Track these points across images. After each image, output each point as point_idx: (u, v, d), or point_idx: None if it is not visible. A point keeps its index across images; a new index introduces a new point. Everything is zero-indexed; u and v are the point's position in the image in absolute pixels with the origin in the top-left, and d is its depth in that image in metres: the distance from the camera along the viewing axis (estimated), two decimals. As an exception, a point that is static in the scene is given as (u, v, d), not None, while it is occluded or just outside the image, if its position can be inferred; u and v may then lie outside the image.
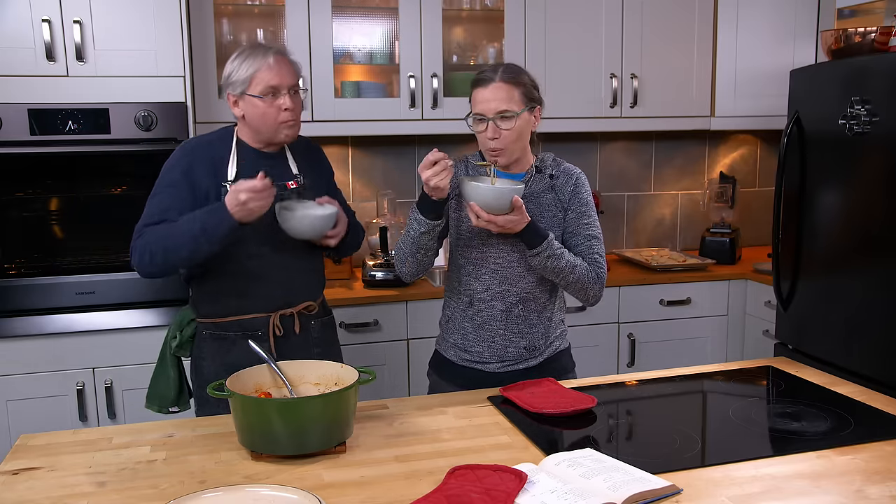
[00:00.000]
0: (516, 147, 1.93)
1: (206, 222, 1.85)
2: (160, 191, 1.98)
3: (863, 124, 2.52)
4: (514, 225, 1.81)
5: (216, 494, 1.28)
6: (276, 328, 2.02)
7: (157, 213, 1.94)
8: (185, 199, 1.94)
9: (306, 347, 2.06)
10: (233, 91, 1.97)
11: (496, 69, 1.90)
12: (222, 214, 1.84)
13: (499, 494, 1.26)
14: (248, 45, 2.01)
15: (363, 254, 3.31)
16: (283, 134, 1.99)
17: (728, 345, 3.41)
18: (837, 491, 1.32)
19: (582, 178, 2.01)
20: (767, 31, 3.46)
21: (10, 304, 2.65)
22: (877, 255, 2.51)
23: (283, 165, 2.08)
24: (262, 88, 1.93)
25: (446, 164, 1.78)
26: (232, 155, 2.01)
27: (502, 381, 1.96)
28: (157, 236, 1.90)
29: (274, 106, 1.94)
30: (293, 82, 1.98)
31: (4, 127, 2.56)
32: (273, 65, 1.93)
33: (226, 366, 1.96)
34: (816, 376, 1.95)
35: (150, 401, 2.17)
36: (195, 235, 1.86)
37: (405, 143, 3.50)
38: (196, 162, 1.99)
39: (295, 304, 2.06)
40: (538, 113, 1.96)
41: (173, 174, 1.98)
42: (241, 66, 1.94)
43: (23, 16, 2.56)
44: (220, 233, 1.86)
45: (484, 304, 1.98)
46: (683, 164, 3.88)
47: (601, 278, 1.96)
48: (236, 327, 2.03)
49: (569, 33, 3.28)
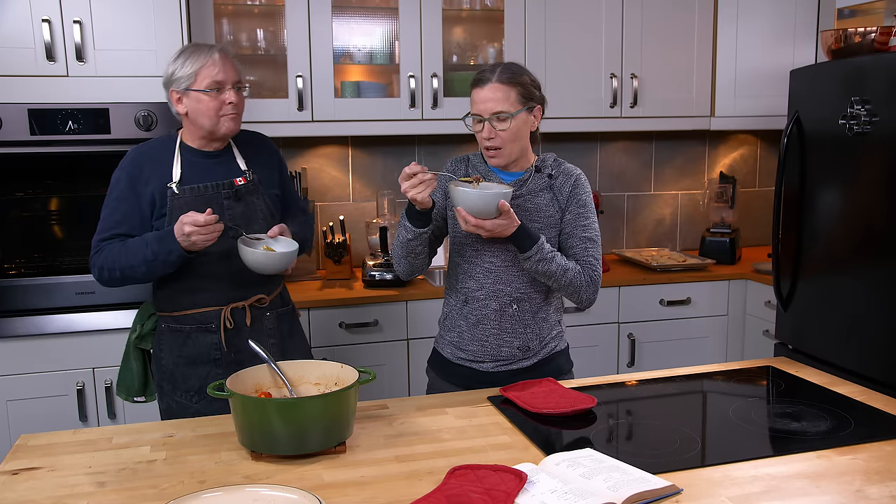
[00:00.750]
0: (514, 147, 1.93)
1: (157, 251, 1.95)
2: (109, 203, 2.05)
3: (863, 124, 2.53)
4: (504, 229, 1.81)
5: (216, 494, 1.28)
6: (227, 321, 2.07)
7: (108, 227, 2.03)
8: (133, 211, 2.02)
9: (261, 339, 2.07)
10: (177, 88, 2.02)
11: (494, 69, 1.90)
12: (171, 245, 1.93)
13: (499, 494, 1.26)
14: (190, 45, 2.07)
15: (363, 254, 3.31)
16: (224, 126, 2.04)
17: (728, 345, 3.41)
18: (837, 491, 1.32)
19: (582, 179, 2.00)
20: (767, 31, 3.46)
21: (10, 304, 2.65)
22: (877, 255, 2.51)
23: (231, 162, 2.12)
24: (207, 83, 1.99)
25: (423, 177, 1.79)
26: (175, 157, 2.06)
27: (496, 381, 1.97)
28: (114, 257, 1.99)
29: (218, 100, 2.00)
30: (237, 79, 2.04)
31: (4, 127, 2.56)
32: (218, 61, 2.00)
33: (183, 357, 2.08)
34: (816, 376, 1.95)
35: (118, 389, 2.25)
36: (148, 260, 1.96)
37: (405, 143, 3.50)
38: (140, 170, 2.04)
39: (247, 298, 2.11)
40: (538, 112, 1.95)
41: (119, 186, 2.04)
42: (186, 63, 2.00)
43: (23, 16, 2.56)
44: (171, 259, 1.96)
45: (478, 302, 1.99)
46: (683, 164, 3.88)
47: (594, 281, 1.94)
48: (191, 320, 2.08)
49: (569, 33, 3.28)
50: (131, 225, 2.02)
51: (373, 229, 3.22)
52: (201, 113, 2.01)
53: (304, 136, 3.14)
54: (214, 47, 2.03)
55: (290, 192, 2.30)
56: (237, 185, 2.08)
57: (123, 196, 2.03)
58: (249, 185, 2.10)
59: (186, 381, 2.09)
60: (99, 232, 2.04)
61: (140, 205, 2.02)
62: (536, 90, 1.94)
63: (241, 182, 2.09)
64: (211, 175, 2.07)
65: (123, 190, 2.03)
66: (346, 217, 3.39)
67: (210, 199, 2.04)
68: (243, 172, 2.11)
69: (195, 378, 2.07)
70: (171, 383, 2.11)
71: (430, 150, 3.53)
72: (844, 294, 2.65)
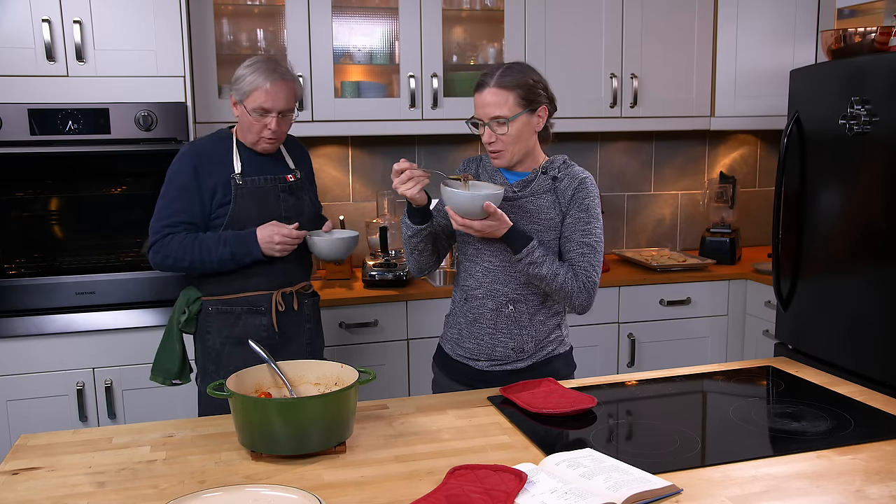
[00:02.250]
0: (516, 149, 1.92)
1: (236, 251, 2.12)
2: (169, 193, 2.16)
3: (863, 124, 2.52)
4: (493, 230, 1.81)
5: (216, 494, 1.28)
6: (279, 304, 2.22)
7: (169, 214, 2.14)
8: (195, 200, 2.15)
9: (300, 322, 2.29)
10: (235, 95, 2.14)
11: (495, 72, 1.89)
12: (252, 248, 2.12)
13: (499, 494, 1.26)
14: (263, 59, 2.15)
15: (363, 254, 3.31)
16: (260, 147, 2.18)
17: (728, 345, 3.41)
18: (837, 491, 1.32)
19: (587, 183, 1.95)
20: (767, 31, 3.46)
21: (10, 304, 2.65)
22: (877, 255, 2.51)
23: (280, 160, 2.28)
24: (254, 106, 2.10)
25: (413, 173, 1.82)
26: (234, 151, 2.19)
27: (492, 379, 1.98)
28: (185, 249, 2.12)
29: (260, 123, 2.12)
30: (286, 107, 2.13)
31: (4, 127, 2.56)
32: (270, 90, 2.09)
33: (231, 338, 2.20)
34: (816, 376, 1.95)
35: (154, 374, 2.32)
36: (224, 259, 2.12)
37: (405, 143, 3.50)
38: (201, 163, 2.16)
39: (294, 284, 2.27)
40: (543, 112, 1.94)
41: (182, 177, 2.15)
42: (248, 78, 2.10)
43: (23, 16, 2.56)
44: (246, 261, 2.14)
45: (476, 301, 1.99)
46: (683, 164, 3.88)
47: (588, 288, 1.90)
48: (243, 302, 2.21)
49: (569, 33, 3.28)
50: (192, 213, 2.14)
51: (373, 229, 3.22)
52: (244, 127, 2.16)
53: (305, 136, 3.12)
54: (277, 72, 2.11)
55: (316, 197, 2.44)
56: (289, 181, 2.24)
57: (186, 186, 2.14)
58: (298, 182, 2.28)
59: (231, 360, 2.16)
60: (159, 219, 2.15)
61: (202, 195, 2.14)
62: (540, 91, 1.92)
63: (292, 179, 2.26)
64: (266, 170, 2.22)
65: (186, 181, 2.14)
66: (346, 217, 3.39)
67: (269, 191, 2.20)
68: (292, 170, 2.28)
69: (238, 358, 2.13)
70: (216, 363, 2.20)
71: (430, 150, 3.53)
72: (844, 294, 2.65)
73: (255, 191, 2.18)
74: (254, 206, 2.17)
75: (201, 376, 2.27)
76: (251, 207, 2.17)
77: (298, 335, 2.29)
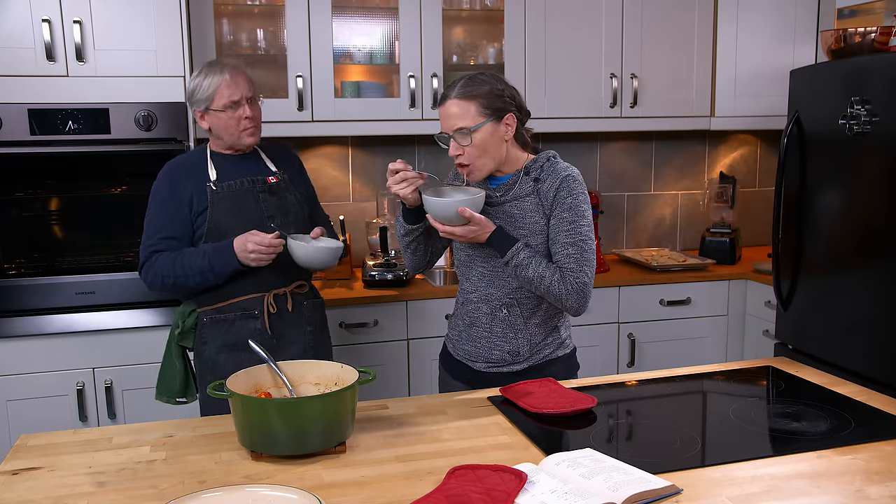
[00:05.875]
0: (484, 161, 1.87)
1: (213, 262, 2.09)
2: (151, 211, 2.17)
3: (863, 124, 2.52)
4: (476, 235, 1.82)
5: (216, 494, 1.28)
6: (270, 305, 2.18)
7: (153, 232, 2.15)
8: (175, 213, 2.14)
9: (300, 325, 2.24)
10: (198, 108, 2.16)
11: (454, 85, 1.86)
12: (229, 258, 2.08)
13: (499, 494, 1.26)
14: (205, 64, 2.18)
15: (363, 254, 3.31)
16: (244, 140, 2.18)
17: (728, 345, 3.41)
18: (837, 491, 1.32)
19: (569, 181, 1.89)
20: (767, 32, 3.46)
21: (10, 304, 2.65)
22: (877, 255, 2.51)
23: (260, 163, 2.27)
24: (223, 103, 2.11)
25: (406, 174, 1.83)
26: (209, 162, 2.20)
27: (490, 380, 1.98)
28: (169, 265, 2.11)
29: (235, 116, 2.13)
30: (249, 93, 2.16)
31: (4, 127, 2.56)
32: (230, 80, 2.12)
33: (226, 346, 2.18)
34: (816, 376, 1.95)
35: (159, 393, 2.32)
36: (203, 271, 2.09)
37: (405, 143, 3.50)
38: (177, 176, 2.17)
39: (287, 284, 2.23)
40: (511, 120, 1.87)
41: (160, 193, 2.17)
42: (204, 84, 2.12)
43: (23, 16, 2.56)
44: (226, 272, 2.10)
45: (472, 305, 2.00)
46: (683, 164, 3.88)
47: (578, 289, 1.86)
48: (235, 308, 2.18)
49: (569, 33, 3.28)
50: (174, 227, 2.14)
51: (373, 229, 3.22)
52: (222, 129, 2.16)
53: (304, 136, 3.13)
54: (226, 67, 2.14)
55: (317, 204, 2.42)
56: (269, 182, 2.22)
57: (164, 200, 2.15)
58: (281, 184, 2.25)
59: (225, 368, 2.13)
60: (146, 240, 2.16)
61: (180, 206, 2.14)
62: (505, 98, 1.86)
63: (274, 180, 2.23)
64: (244, 173, 2.20)
65: (164, 195, 2.16)
66: (346, 217, 3.39)
67: (247, 193, 2.18)
68: (274, 172, 2.26)
69: (232, 364, 2.11)
70: (213, 373, 2.18)
71: (430, 150, 3.53)
72: (844, 294, 2.65)
73: (231, 195, 2.15)
74: (232, 209, 2.14)
75: (201, 391, 2.27)
76: (229, 211, 2.14)
77: (299, 338, 2.23)
